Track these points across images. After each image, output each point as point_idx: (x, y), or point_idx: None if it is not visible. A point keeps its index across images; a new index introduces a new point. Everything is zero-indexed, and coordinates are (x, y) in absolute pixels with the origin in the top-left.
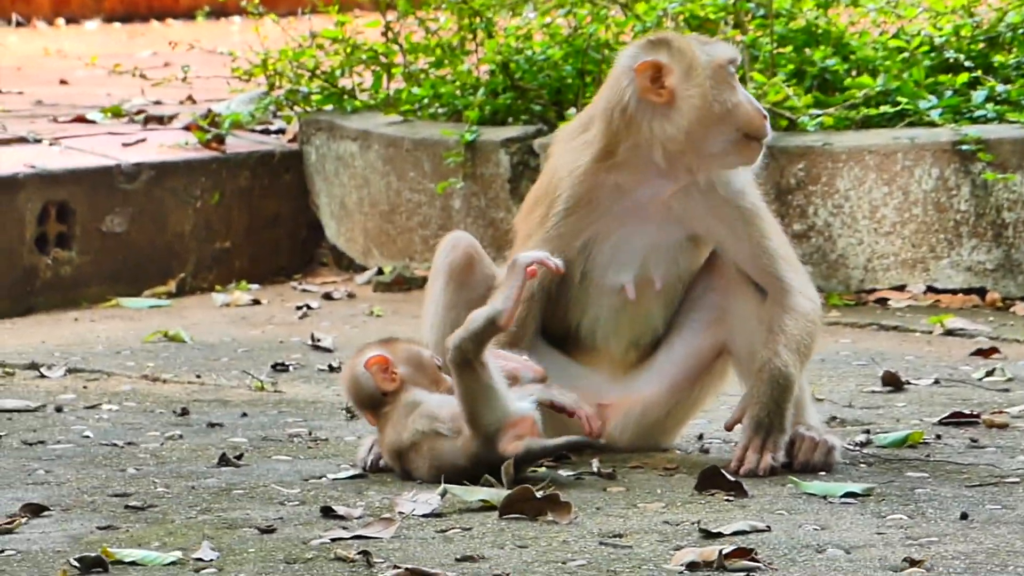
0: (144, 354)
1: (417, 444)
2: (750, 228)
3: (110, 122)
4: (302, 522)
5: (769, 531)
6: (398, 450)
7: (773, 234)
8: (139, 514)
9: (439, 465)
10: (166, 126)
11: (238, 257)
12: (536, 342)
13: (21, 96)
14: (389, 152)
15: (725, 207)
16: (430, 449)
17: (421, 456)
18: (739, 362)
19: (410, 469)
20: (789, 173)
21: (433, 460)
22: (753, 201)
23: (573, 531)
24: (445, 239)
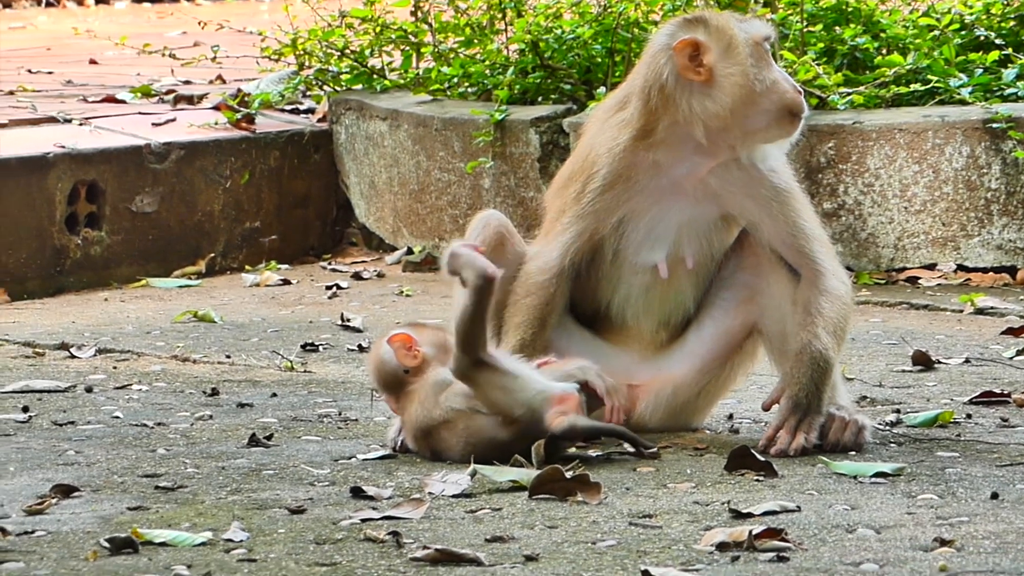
0: (174, 334)
1: (450, 422)
2: (784, 208)
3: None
4: (332, 503)
5: (799, 511)
6: (426, 428)
7: (807, 214)
8: (169, 495)
9: (476, 442)
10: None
11: (267, 237)
12: (564, 320)
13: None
14: (419, 131)
15: (759, 186)
16: (466, 427)
17: (454, 434)
18: (770, 342)
19: (439, 449)
20: (819, 151)
21: (469, 437)
22: (787, 181)
23: (603, 511)
24: (476, 218)
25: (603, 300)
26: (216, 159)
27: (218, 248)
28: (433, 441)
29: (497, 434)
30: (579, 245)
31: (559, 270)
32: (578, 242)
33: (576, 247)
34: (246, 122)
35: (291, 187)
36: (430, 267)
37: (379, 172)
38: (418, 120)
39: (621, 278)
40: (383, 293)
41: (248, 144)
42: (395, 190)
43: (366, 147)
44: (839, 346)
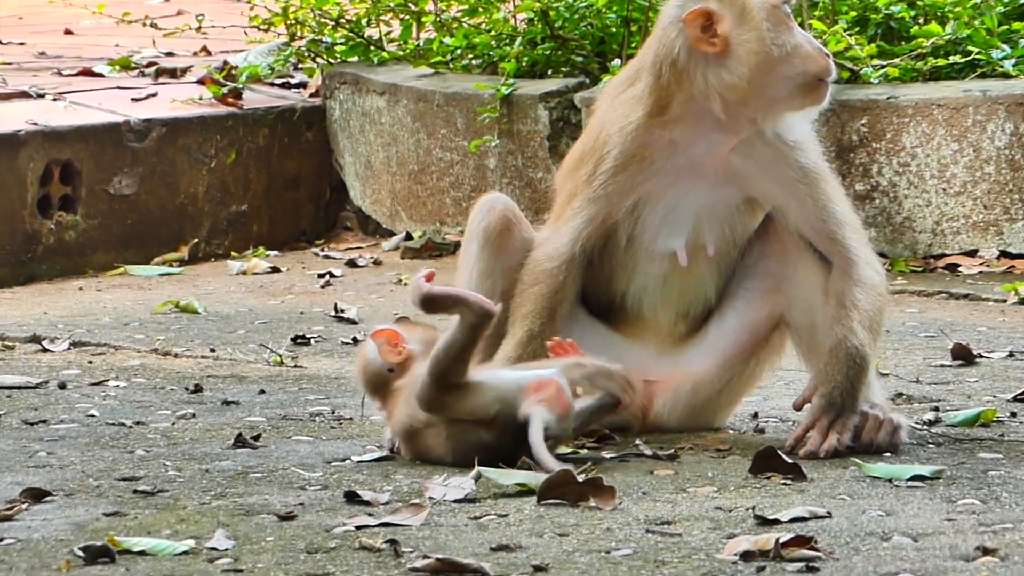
0: (154, 326)
1: (434, 424)
2: (812, 191)
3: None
4: (324, 508)
5: (830, 517)
6: (411, 430)
7: (837, 198)
8: (148, 499)
9: (460, 446)
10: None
11: (255, 221)
12: (576, 311)
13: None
14: (419, 107)
15: (786, 166)
16: (450, 430)
17: (439, 437)
18: (797, 335)
19: (425, 453)
20: (851, 129)
21: (454, 442)
22: (815, 161)
23: (617, 518)
24: (480, 201)
25: (618, 290)
26: (200, 137)
27: (202, 233)
28: (418, 444)
29: (480, 435)
30: (591, 230)
31: (569, 257)
32: (590, 227)
33: (588, 232)
34: (233, 97)
35: (281, 167)
36: (431, 253)
37: (376, 151)
38: (418, 95)
39: (637, 266)
40: (380, 282)
41: (235, 121)
42: (393, 170)
43: (362, 124)
44: (875, 341)
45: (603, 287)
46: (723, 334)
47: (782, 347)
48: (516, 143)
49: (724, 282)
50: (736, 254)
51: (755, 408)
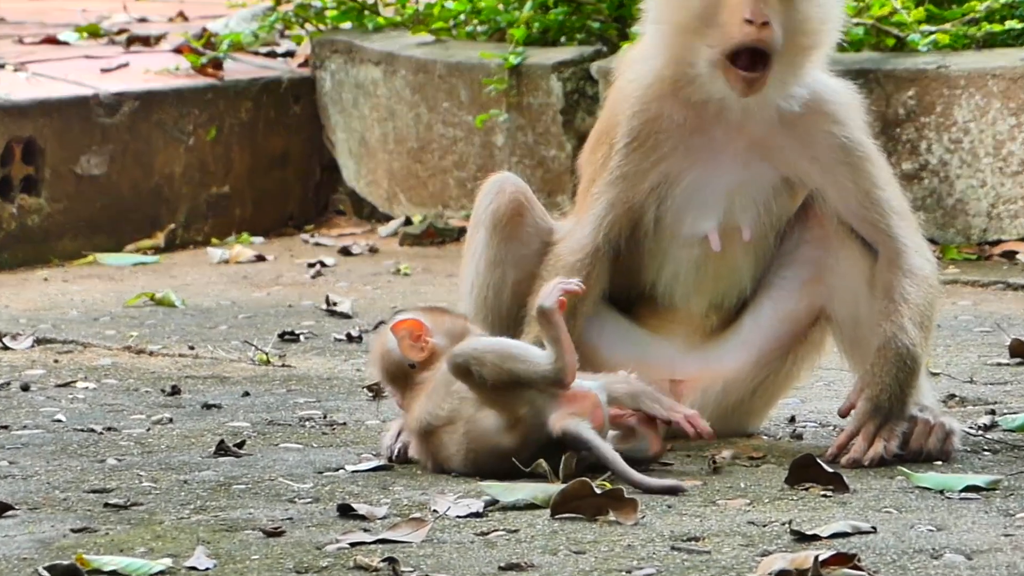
0: (127, 321)
1: (453, 423)
2: (856, 173)
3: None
4: (315, 523)
5: (875, 533)
6: (428, 428)
7: (883, 179)
8: (121, 514)
9: (477, 448)
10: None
11: (238, 204)
12: (599, 307)
13: None
14: (418, 78)
15: (823, 143)
16: (467, 431)
17: (454, 438)
18: (840, 329)
19: (439, 454)
20: (897, 102)
21: (470, 443)
22: (858, 137)
23: (639, 533)
24: (487, 182)
25: (647, 279)
26: (177, 112)
27: (179, 218)
28: (433, 445)
29: (500, 440)
30: (613, 218)
31: (593, 249)
32: (611, 214)
33: (610, 220)
34: (213, 68)
35: (266, 145)
36: (432, 240)
37: (371, 127)
38: (418, 65)
39: (667, 253)
40: (376, 272)
41: (215, 94)
42: (390, 148)
43: (355, 97)
44: (926, 339)
45: (630, 276)
46: (758, 328)
47: (822, 343)
48: (526, 118)
49: (761, 270)
50: (774, 239)
51: (792, 411)
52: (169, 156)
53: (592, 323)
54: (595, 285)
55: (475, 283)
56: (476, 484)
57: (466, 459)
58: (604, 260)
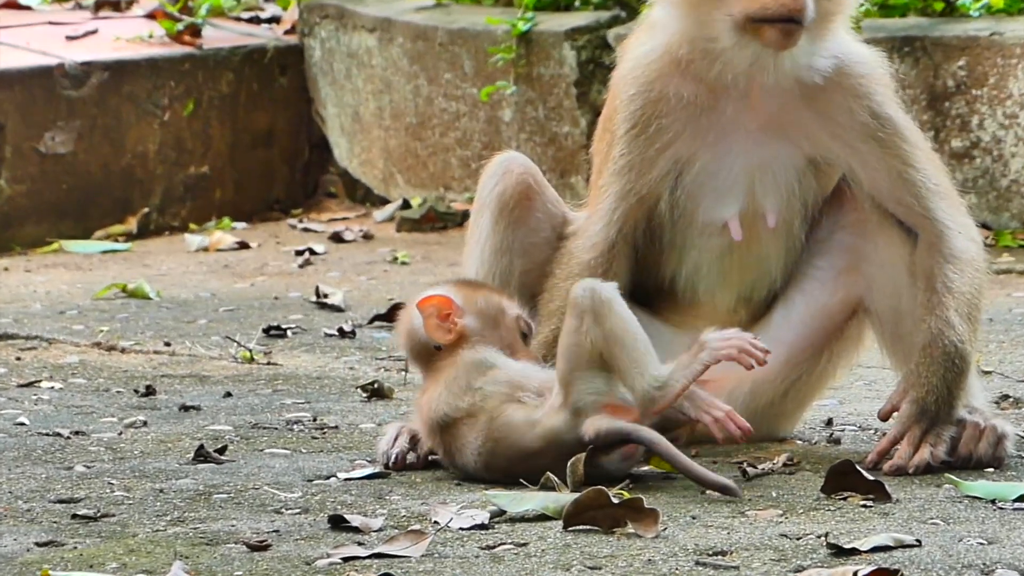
0: (96, 315)
1: (474, 416)
2: (886, 150)
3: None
4: (304, 536)
5: (919, 547)
6: (444, 421)
7: (918, 157)
8: (91, 526)
9: (496, 447)
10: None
11: (219, 186)
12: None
13: None
14: (417, 47)
15: (848, 119)
16: (491, 425)
17: (474, 432)
18: (880, 323)
19: (454, 450)
20: (946, 72)
21: (491, 440)
22: (888, 112)
23: (661, 547)
24: (492, 162)
25: (667, 271)
26: (151, 84)
27: (153, 201)
28: (449, 439)
29: (525, 438)
30: (624, 211)
31: (608, 246)
32: (621, 207)
33: (621, 214)
34: (190, 35)
35: (249, 121)
36: (432, 225)
37: (365, 101)
38: (417, 32)
39: (688, 243)
40: (371, 260)
41: (193, 64)
42: (386, 124)
43: (348, 67)
44: (974, 332)
45: (650, 270)
46: (789, 323)
47: (860, 339)
48: (536, 90)
49: (792, 260)
50: (803, 225)
51: (829, 414)
52: (142, 133)
53: None
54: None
55: (479, 272)
56: (481, 493)
57: (480, 457)
58: (621, 257)
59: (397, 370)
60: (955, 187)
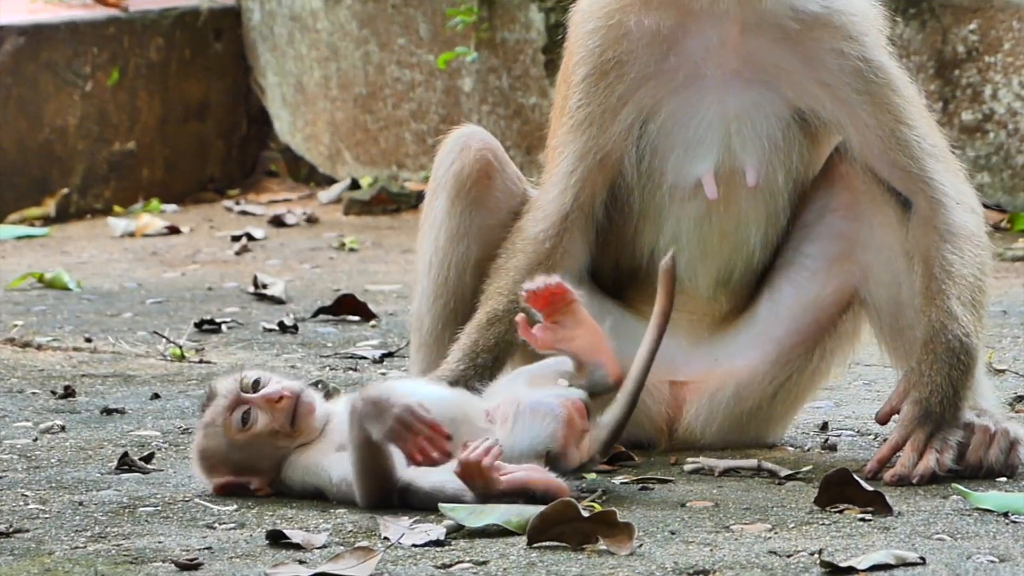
0: (9, 307)
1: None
2: (876, 104)
3: None
4: (240, 554)
5: (923, 565)
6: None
7: (913, 113)
8: (1, 543)
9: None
10: None
11: (146, 164)
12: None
13: None
14: (367, 9)
15: (834, 65)
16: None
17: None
18: (877, 316)
19: None
20: (955, 37)
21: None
22: (879, 61)
23: (636, 566)
24: (449, 138)
25: (640, 249)
26: (71, 50)
27: (74, 180)
28: None
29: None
30: (583, 173)
31: (560, 216)
32: (579, 168)
33: (579, 177)
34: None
35: (181, 91)
36: (383, 207)
37: (309, 69)
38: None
39: (660, 210)
40: (316, 246)
41: (118, 28)
42: (333, 95)
43: (291, 32)
44: (980, 322)
45: (622, 246)
46: (777, 317)
47: (856, 334)
48: (500, 57)
49: (775, 232)
50: (790, 190)
51: (823, 417)
52: (61, 105)
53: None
54: (567, 260)
55: (433, 260)
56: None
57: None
58: (575, 230)
59: (344, 368)
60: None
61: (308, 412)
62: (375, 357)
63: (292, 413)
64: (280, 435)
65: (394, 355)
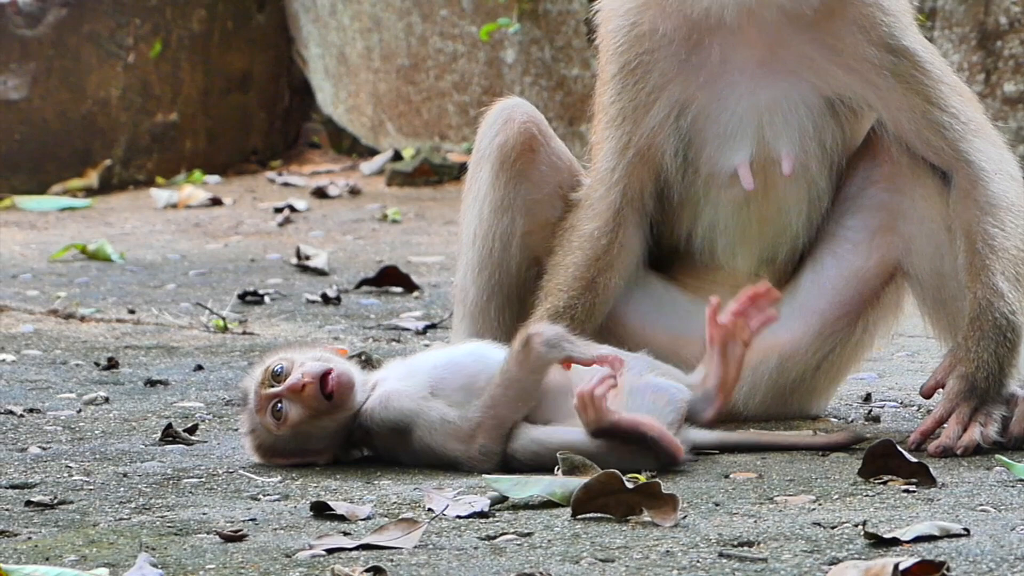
0: (53, 279)
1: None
2: (906, 86)
3: None
4: (284, 525)
5: (967, 536)
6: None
7: (944, 91)
8: (46, 514)
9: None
10: None
11: (189, 136)
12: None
13: None
14: None
15: (859, 49)
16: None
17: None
18: (920, 288)
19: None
20: (997, 8)
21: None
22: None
23: (680, 537)
24: (494, 109)
25: (682, 231)
26: (114, 22)
27: (117, 152)
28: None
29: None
30: (625, 168)
31: (612, 212)
32: (622, 163)
33: (622, 172)
34: None
35: (223, 63)
36: (426, 179)
37: (352, 40)
38: None
39: (700, 198)
40: (358, 218)
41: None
42: (376, 66)
43: (333, 3)
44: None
45: (663, 229)
46: (820, 289)
47: (899, 305)
48: (543, 28)
49: (816, 215)
50: (826, 173)
51: (866, 388)
52: (104, 76)
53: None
54: (624, 255)
55: (478, 232)
56: (480, 477)
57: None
58: (630, 224)
59: (387, 340)
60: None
61: (348, 388)
62: (418, 329)
63: (323, 391)
64: (322, 415)
65: (437, 327)
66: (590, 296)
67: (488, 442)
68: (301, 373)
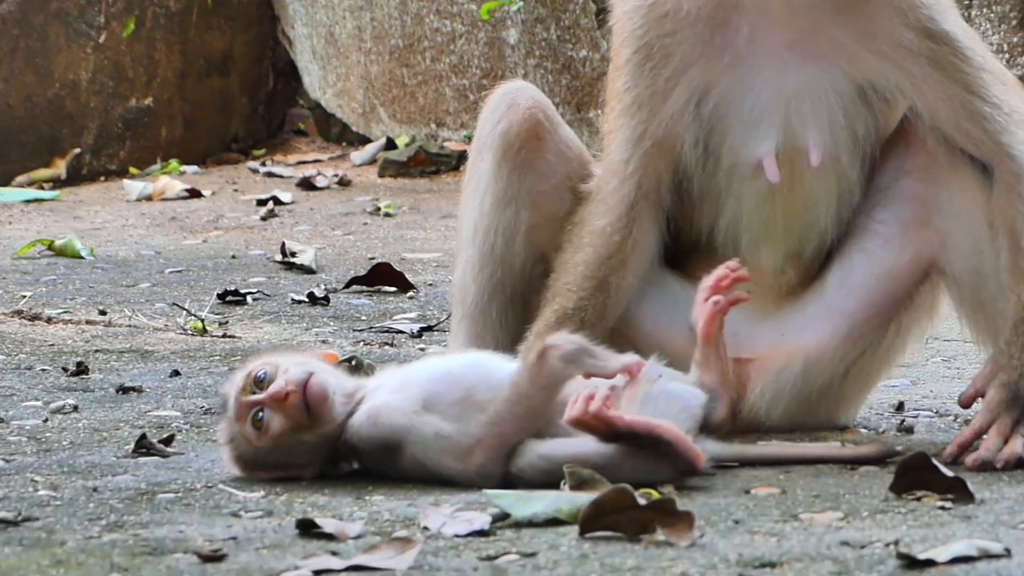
0: (17, 277)
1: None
2: (945, 73)
3: None
4: (267, 544)
5: (1008, 557)
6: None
7: (985, 79)
8: (10, 532)
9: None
10: None
11: (165, 122)
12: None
13: None
14: None
15: (893, 34)
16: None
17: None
18: (958, 288)
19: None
20: None
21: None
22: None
23: (697, 557)
24: (496, 93)
25: (703, 225)
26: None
27: (87, 140)
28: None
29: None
30: (641, 158)
31: (625, 207)
32: (637, 154)
33: (638, 163)
34: None
35: (202, 43)
36: (422, 169)
37: (342, 18)
38: None
39: (724, 190)
40: (348, 211)
41: None
42: (367, 47)
43: None
44: None
45: (681, 223)
46: (848, 289)
47: (934, 306)
48: (548, 6)
49: (844, 206)
50: (856, 164)
51: (899, 396)
52: (73, 58)
53: (642, 288)
54: (638, 252)
55: (478, 226)
56: (480, 493)
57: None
58: (644, 220)
59: (380, 344)
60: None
61: (320, 400)
62: (413, 331)
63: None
64: (303, 429)
65: (434, 329)
66: (601, 296)
67: (487, 462)
68: (285, 380)
